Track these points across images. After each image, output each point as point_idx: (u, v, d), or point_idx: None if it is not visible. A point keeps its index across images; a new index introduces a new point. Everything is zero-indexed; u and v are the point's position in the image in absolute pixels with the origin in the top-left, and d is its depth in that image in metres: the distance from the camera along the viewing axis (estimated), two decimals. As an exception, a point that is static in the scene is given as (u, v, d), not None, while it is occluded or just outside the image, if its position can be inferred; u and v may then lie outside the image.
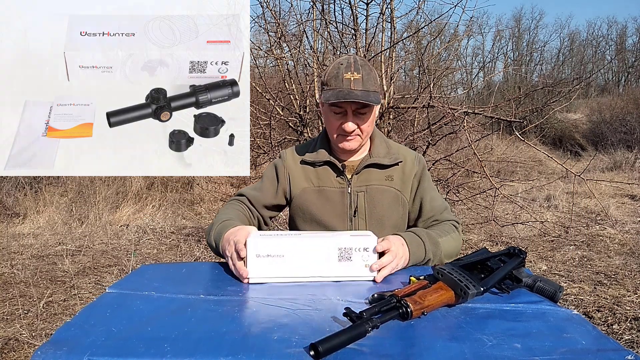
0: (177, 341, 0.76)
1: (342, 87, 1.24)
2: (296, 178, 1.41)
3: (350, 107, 1.27)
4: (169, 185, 6.58)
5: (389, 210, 1.37)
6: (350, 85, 1.24)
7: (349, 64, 1.27)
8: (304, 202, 1.39)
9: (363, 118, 1.30)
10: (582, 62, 25.96)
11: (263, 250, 1.02)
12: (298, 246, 1.03)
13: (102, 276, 3.70)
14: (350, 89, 1.24)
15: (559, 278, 3.59)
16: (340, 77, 1.25)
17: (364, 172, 1.38)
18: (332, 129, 1.34)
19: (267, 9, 3.49)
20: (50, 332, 2.76)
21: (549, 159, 5.69)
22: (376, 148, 1.40)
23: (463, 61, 19.50)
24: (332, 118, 1.32)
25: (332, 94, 1.25)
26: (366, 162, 1.37)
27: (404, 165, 1.40)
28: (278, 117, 3.60)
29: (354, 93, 1.23)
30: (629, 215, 5.39)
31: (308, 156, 1.41)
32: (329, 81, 1.28)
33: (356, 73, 1.25)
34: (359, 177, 1.37)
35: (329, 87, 1.27)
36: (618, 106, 11.50)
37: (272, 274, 1.02)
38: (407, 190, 1.40)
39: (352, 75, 1.25)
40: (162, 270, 1.15)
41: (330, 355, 0.71)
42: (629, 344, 2.54)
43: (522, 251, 1.04)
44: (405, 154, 1.42)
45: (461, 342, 0.76)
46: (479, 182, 4.44)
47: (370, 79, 1.27)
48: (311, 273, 1.03)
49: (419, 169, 1.41)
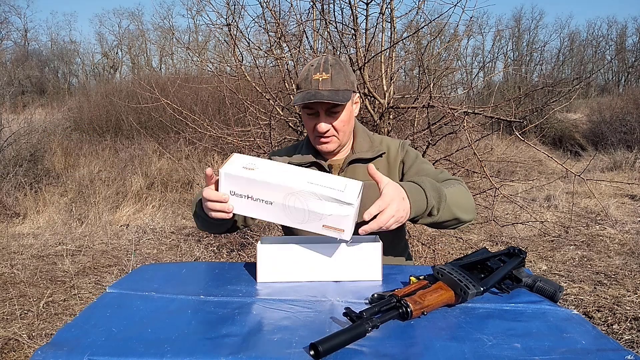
0: (177, 342, 0.76)
1: (310, 88, 1.26)
2: None
3: (321, 107, 1.27)
4: (169, 185, 6.58)
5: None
6: (318, 86, 1.25)
7: (318, 65, 1.28)
8: None
9: (335, 117, 1.30)
10: (582, 62, 25.95)
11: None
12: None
13: (102, 276, 3.70)
14: (317, 90, 1.24)
15: (559, 278, 3.59)
16: (309, 79, 1.26)
17: (349, 169, 1.37)
18: (309, 131, 1.35)
19: (267, 9, 3.49)
20: (50, 332, 2.76)
21: (549, 159, 5.69)
22: (359, 144, 1.40)
23: (463, 61, 19.45)
24: (306, 120, 1.33)
25: (299, 96, 1.26)
26: (349, 158, 1.37)
27: (388, 155, 1.39)
28: (278, 117, 3.59)
29: (320, 93, 1.24)
30: (629, 215, 5.38)
31: (295, 158, 1.41)
32: (299, 84, 1.30)
33: (325, 73, 1.26)
34: (344, 175, 1.36)
35: (299, 89, 1.29)
36: (618, 106, 11.48)
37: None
38: (396, 179, 1.37)
39: (320, 76, 1.25)
40: (162, 270, 1.15)
41: (330, 355, 0.71)
42: (629, 344, 2.54)
43: (522, 251, 1.04)
44: (390, 144, 1.40)
45: (461, 342, 0.76)
46: (479, 182, 4.43)
47: (340, 77, 1.27)
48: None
49: (403, 154, 1.39)
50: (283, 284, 1.04)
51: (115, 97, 9.24)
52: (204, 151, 7.04)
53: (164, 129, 7.47)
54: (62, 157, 7.61)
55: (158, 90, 4.12)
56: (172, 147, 7.53)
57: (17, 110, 10.92)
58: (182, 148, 7.40)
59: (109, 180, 6.52)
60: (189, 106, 6.18)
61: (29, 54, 26.06)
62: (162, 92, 4.69)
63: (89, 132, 9.25)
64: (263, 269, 1.05)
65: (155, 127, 8.30)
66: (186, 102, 6.77)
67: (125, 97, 9.04)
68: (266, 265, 1.04)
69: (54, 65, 27.44)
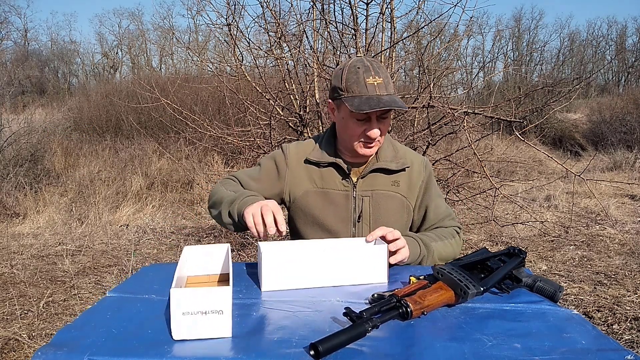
0: (177, 342, 0.76)
1: (367, 93, 1.20)
2: (298, 178, 1.36)
3: (375, 113, 1.22)
4: (169, 185, 6.58)
5: (394, 216, 1.34)
6: (376, 91, 1.20)
7: (366, 67, 1.22)
8: (306, 204, 1.35)
9: (385, 123, 1.26)
10: (582, 62, 25.95)
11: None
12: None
13: (102, 276, 3.70)
14: (378, 95, 1.19)
15: (559, 278, 3.59)
16: (362, 83, 1.20)
17: (370, 176, 1.34)
18: (354, 136, 1.28)
19: (267, 9, 3.49)
20: (50, 332, 2.76)
21: (549, 159, 5.69)
22: (383, 151, 1.35)
23: (463, 61, 19.49)
24: (353, 124, 1.26)
25: (361, 101, 1.19)
26: (373, 166, 1.33)
27: (411, 171, 1.36)
28: (278, 117, 3.59)
29: (383, 99, 1.19)
30: (629, 215, 5.38)
31: (313, 155, 1.35)
32: (349, 87, 1.22)
33: (377, 77, 1.21)
34: (364, 181, 1.33)
35: (352, 93, 1.22)
36: (618, 106, 11.47)
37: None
38: (413, 198, 1.37)
39: (374, 80, 1.20)
40: (162, 272, 1.15)
41: (330, 355, 0.71)
42: (629, 344, 2.54)
43: (522, 251, 1.04)
44: (413, 159, 1.38)
45: (461, 342, 0.76)
46: (479, 182, 4.43)
47: (390, 81, 1.24)
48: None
49: (426, 176, 1.38)
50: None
51: (115, 97, 9.24)
52: (204, 151, 7.04)
53: (164, 129, 7.47)
54: (62, 157, 7.61)
55: (158, 90, 4.12)
56: (172, 147, 7.53)
57: (17, 110, 10.91)
58: (182, 148, 7.39)
59: (109, 180, 6.52)
60: (189, 106, 6.18)
61: (29, 54, 26.05)
62: (162, 92, 4.68)
63: (89, 132, 9.26)
64: (268, 278, 1.00)
65: (155, 127, 8.30)
66: (186, 102, 6.76)
67: (125, 97, 9.05)
68: (271, 274, 1.00)
69: (54, 65, 27.44)
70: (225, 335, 0.77)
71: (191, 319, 0.76)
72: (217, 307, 0.76)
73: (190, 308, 0.76)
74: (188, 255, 1.02)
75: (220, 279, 1.05)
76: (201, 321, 0.76)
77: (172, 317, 0.76)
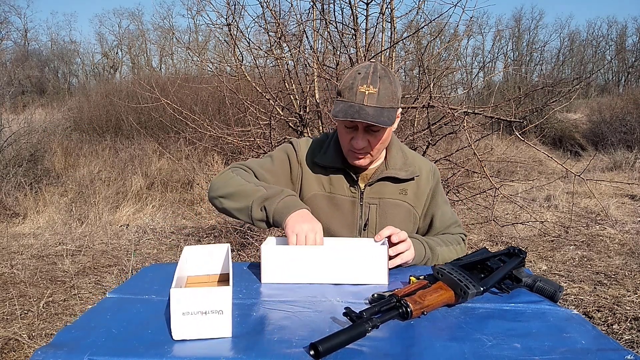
0: (177, 342, 0.76)
1: (354, 101, 1.15)
2: (308, 180, 1.34)
3: (362, 123, 1.18)
4: (169, 185, 6.58)
5: (400, 225, 1.30)
6: (363, 100, 1.15)
7: (366, 74, 1.17)
8: (313, 207, 1.31)
9: (375, 136, 1.21)
10: (582, 62, 25.95)
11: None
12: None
13: (102, 276, 3.70)
14: (362, 105, 1.14)
15: (559, 278, 3.59)
16: (354, 90, 1.16)
17: (378, 184, 1.32)
18: (343, 143, 1.26)
19: (267, 9, 3.49)
20: (50, 332, 2.76)
21: (549, 159, 5.69)
22: (392, 158, 1.33)
23: (463, 61, 19.48)
24: (342, 131, 1.24)
25: (341, 108, 1.17)
26: (381, 174, 1.31)
27: (419, 179, 1.35)
28: (278, 117, 3.59)
29: (364, 111, 1.14)
30: (629, 215, 5.38)
31: (322, 159, 1.32)
32: (342, 91, 1.19)
33: (372, 87, 1.15)
34: (371, 189, 1.32)
35: (342, 98, 1.19)
36: (618, 106, 11.48)
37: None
38: (420, 206, 1.36)
39: (367, 89, 1.15)
40: (162, 272, 1.15)
41: (330, 355, 0.71)
42: (629, 344, 2.54)
43: (522, 251, 1.04)
44: (422, 166, 1.36)
45: (461, 342, 0.76)
46: (479, 182, 4.43)
47: (388, 93, 1.17)
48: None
49: (434, 184, 1.37)
50: (283, 284, 1.04)
51: (115, 97, 9.24)
52: (204, 151, 7.04)
53: (164, 129, 7.47)
54: (62, 157, 7.61)
55: (158, 90, 4.12)
56: (172, 147, 7.53)
57: (17, 110, 10.91)
58: (182, 148, 7.39)
59: (109, 181, 6.52)
60: (189, 106, 6.18)
61: (29, 54, 26.03)
62: (162, 92, 4.68)
63: (89, 132, 9.25)
64: (267, 270, 1.04)
65: (155, 127, 8.30)
66: (186, 102, 6.77)
67: (125, 97, 9.04)
68: (270, 266, 1.04)
69: (54, 65, 27.42)
70: (225, 335, 0.77)
71: (191, 319, 0.76)
72: (217, 307, 0.76)
73: (190, 308, 0.76)
74: (188, 255, 1.03)
75: (220, 279, 1.05)
76: (201, 321, 0.76)
77: (172, 317, 0.76)
